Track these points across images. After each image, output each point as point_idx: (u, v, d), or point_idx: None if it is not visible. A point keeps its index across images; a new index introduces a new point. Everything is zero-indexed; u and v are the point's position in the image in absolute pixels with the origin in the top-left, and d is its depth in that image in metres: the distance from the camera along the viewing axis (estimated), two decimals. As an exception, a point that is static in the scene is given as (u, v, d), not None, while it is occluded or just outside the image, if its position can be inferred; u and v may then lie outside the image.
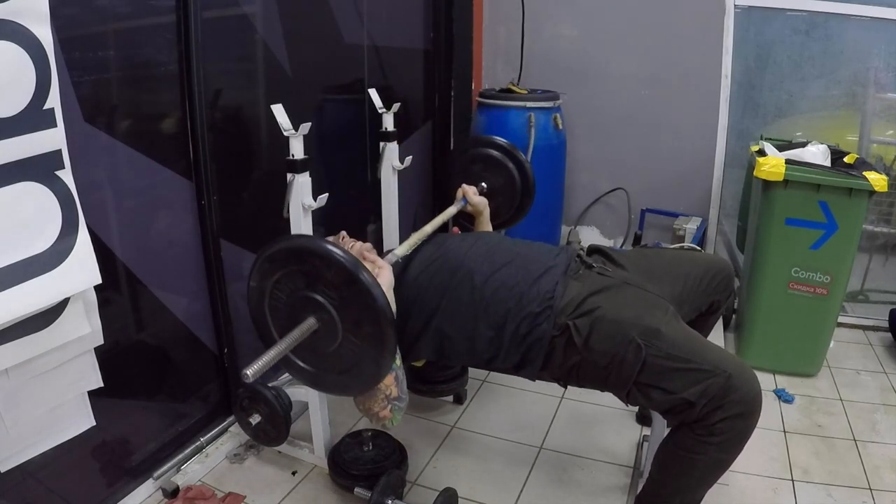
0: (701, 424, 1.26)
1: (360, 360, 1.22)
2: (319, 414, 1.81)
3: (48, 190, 1.17)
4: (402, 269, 1.58)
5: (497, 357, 1.45)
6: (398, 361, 1.38)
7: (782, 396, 2.28)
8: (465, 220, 2.11)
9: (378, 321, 1.16)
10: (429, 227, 1.73)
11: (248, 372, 1.07)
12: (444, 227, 1.84)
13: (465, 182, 2.03)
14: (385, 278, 1.38)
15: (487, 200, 2.04)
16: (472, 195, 1.99)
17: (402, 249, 1.57)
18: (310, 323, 1.19)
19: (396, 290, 1.52)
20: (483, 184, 2.09)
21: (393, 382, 1.38)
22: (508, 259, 1.53)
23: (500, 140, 2.18)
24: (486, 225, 2.03)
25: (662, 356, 1.30)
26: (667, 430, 1.41)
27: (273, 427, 1.79)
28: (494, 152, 2.14)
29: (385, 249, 2.06)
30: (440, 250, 1.60)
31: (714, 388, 1.24)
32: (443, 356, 1.52)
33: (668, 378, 1.29)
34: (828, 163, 2.29)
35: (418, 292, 1.52)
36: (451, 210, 1.96)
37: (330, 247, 1.17)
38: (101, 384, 1.39)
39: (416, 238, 1.63)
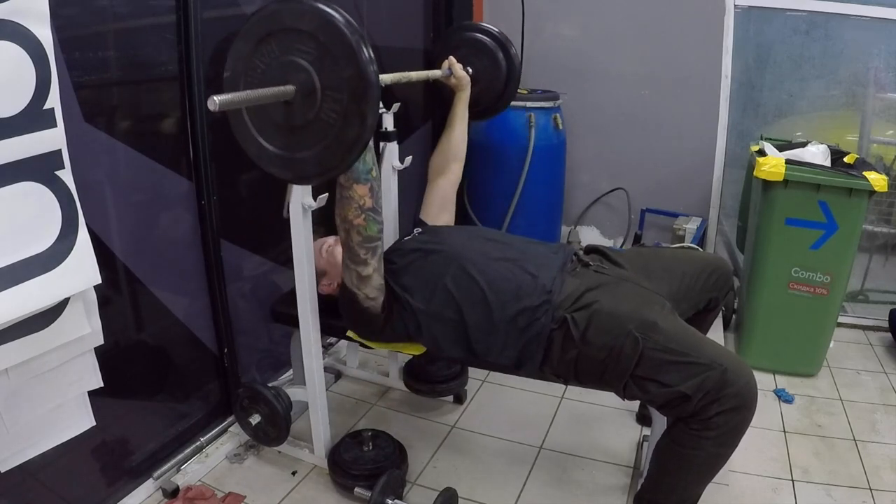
0: (697, 419, 1.27)
1: (343, 117, 1.13)
2: (319, 414, 1.81)
3: (48, 190, 1.17)
4: (394, 256, 1.59)
5: (493, 350, 1.45)
6: (374, 173, 1.39)
7: (782, 396, 2.28)
8: (444, 100, 2.08)
9: (357, 61, 1.10)
10: (413, 74, 1.72)
11: (215, 98, 0.99)
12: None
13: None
14: None
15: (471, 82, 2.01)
16: (458, 68, 1.97)
17: (387, 78, 1.54)
18: (286, 89, 1.12)
19: (391, 278, 1.53)
20: (469, 68, 2.04)
21: (367, 193, 1.39)
22: (506, 253, 1.54)
23: (494, 28, 2.14)
24: (463, 106, 2.00)
25: (659, 349, 1.30)
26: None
27: (273, 427, 1.80)
28: (485, 38, 2.10)
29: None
30: (436, 239, 1.61)
31: (710, 382, 1.25)
32: (438, 346, 1.52)
33: (665, 371, 1.30)
34: (828, 163, 2.29)
35: (413, 280, 1.53)
36: (435, 73, 1.93)
37: None
38: (101, 384, 1.39)
39: (399, 75, 1.62)
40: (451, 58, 1.98)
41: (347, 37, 1.09)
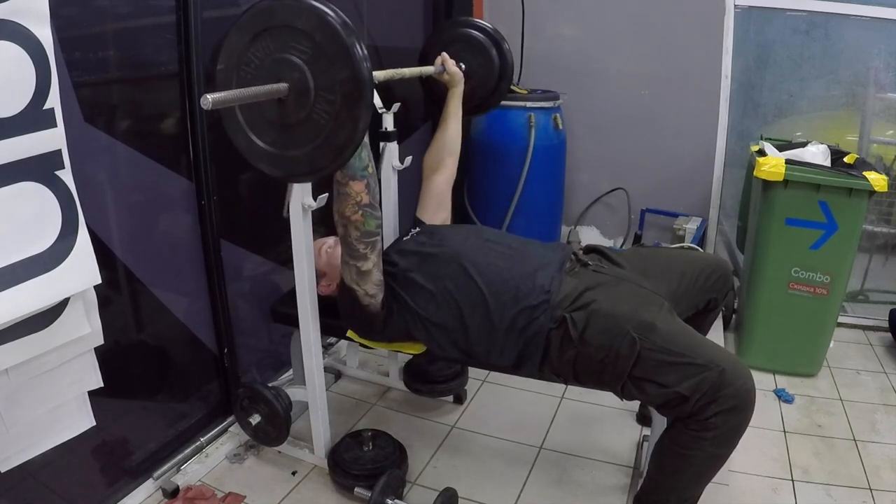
0: (695, 419, 1.27)
1: (334, 119, 1.13)
2: (319, 414, 1.81)
3: (48, 190, 1.17)
4: (394, 256, 1.59)
5: (493, 351, 1.45)
6: (370, 170, 1.40)
7: (782, 396, 2.28)
8: (437, 97, 2.08)
9: (352, 63, 1.09)
10: (406, 71, 1.74)
11: (208, 96, 0.99)
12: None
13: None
14: None
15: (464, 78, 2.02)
16: (450, 64, 1.97)
17: (381, 75, 1.56)
18: (279, 87, 1.12)
19: (390, 280, 1.53)
20: (461, 64, 2.04)
21: (364, 190, 1.40)
22: (504, 252, 1.55)
23: (486, 24, 2.14)
24: (457, 102, 2.00)
25: (657, 350, 1.31)
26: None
27: (273, 427, 1.80)
28: (479, 35, 2.10)
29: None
30: (435, 240, 1.61)
31: (708, 383, 1.25)
32: (437, 346, 1.52)
33: (663, 372, 1.30)
34: (828, 163, 2.29)
35: (413, 282, 1.53)
36: (428, 69, 1.94)
37: None
38: (101, 384, 1.39)
39: (392, 72, 1.63)
40: (444, 54, 1.99)
41: (343, 38, 1.10)
